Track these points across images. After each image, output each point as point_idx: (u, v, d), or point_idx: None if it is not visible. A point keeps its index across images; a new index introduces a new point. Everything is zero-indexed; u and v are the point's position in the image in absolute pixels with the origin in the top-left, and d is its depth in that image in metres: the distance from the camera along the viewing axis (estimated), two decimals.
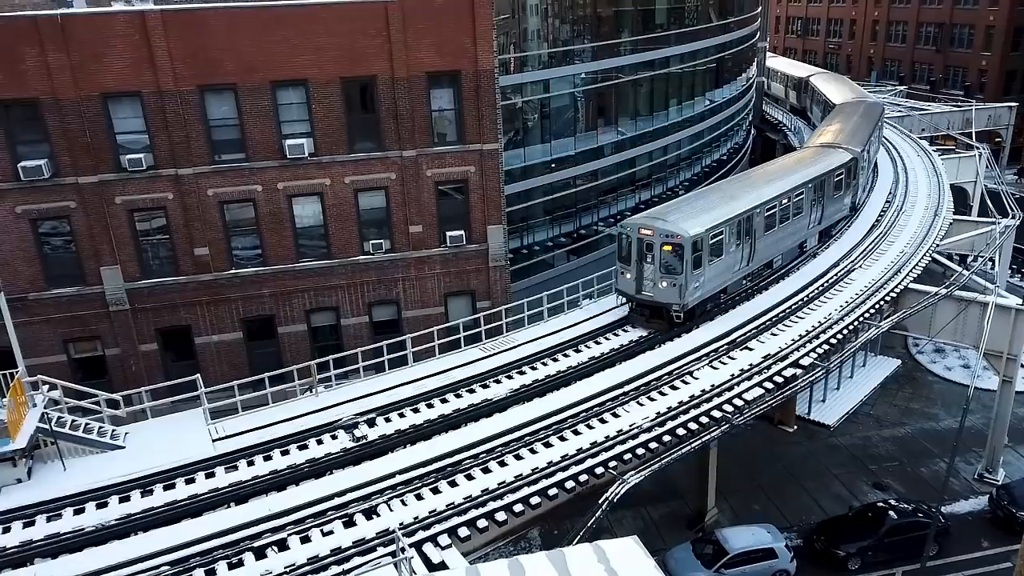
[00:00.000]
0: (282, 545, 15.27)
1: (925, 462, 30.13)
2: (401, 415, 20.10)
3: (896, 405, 34.25)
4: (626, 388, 21.13)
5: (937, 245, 32.30)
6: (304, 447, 18.80)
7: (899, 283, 28.20)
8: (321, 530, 15.68)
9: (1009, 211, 37.49)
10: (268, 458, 18.32)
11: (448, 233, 27.28)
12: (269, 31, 23.97)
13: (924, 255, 30.74)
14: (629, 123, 39.77)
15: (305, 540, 15.42)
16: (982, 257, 32.80)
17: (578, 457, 18.07)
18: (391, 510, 16.30)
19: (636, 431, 19.08)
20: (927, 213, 35.99)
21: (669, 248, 23.49)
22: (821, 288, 27.68)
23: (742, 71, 54.07)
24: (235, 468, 17.90)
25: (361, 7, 24.67)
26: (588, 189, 38.19)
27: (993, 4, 66.32)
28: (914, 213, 36.20)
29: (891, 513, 25.14)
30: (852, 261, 30.23)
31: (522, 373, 22.10)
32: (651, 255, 23.83)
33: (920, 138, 52.24)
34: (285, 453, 18.56)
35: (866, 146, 35.95)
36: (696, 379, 21.66)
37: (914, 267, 29.57)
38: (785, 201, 28.41)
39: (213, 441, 18.94)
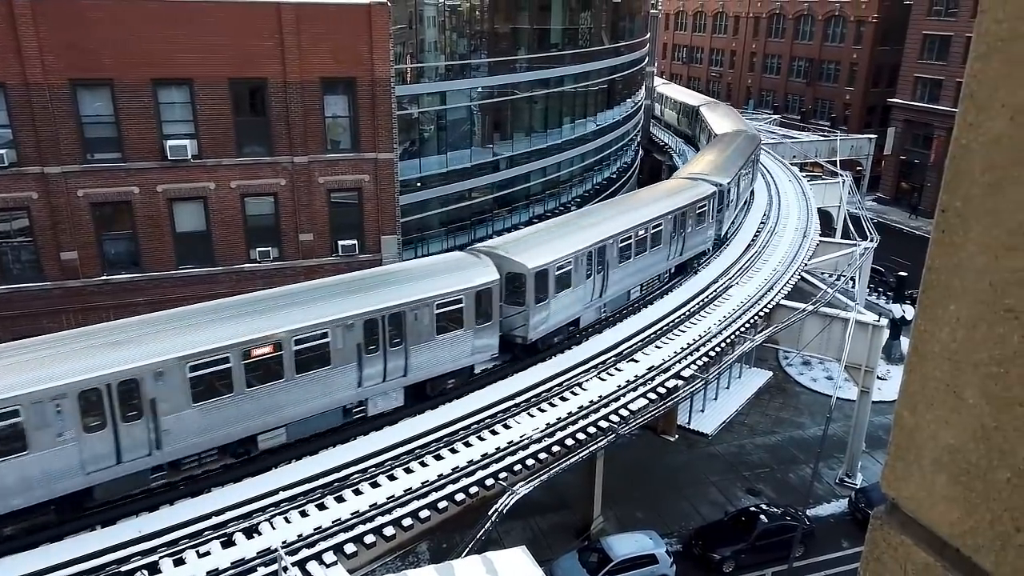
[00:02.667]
0: (153, 569, 14.43)
1: (793, 468, 32.10)
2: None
3: (768, 414, 36.33)
4: (517, 400, 21.39)
5: (806, 264, 34.64)
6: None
7: (771, 300, 30.05)
8: (197, 551, 14.93)
9: (868, 234, 40.76)
10: None
11: (340, 242, 26.75)
12: (150, 26, 22.79)
13: (794, 274, 32.91)
14: (524, 139, 40.43)
15: (179, 563, 14.64)
16: (844, 276, 35.47)
17: (469, 469, 18.11)
18: (273, 528, 15.74)
19: (526, 442, 19.33)
20: (797, 234, 38.57)
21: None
22: (706, 299, 29.09)
23: (632, 94, 56.15)
24: None
25: (251, 8, 23.91)
26: (483, 202, 38.49)
27: (857, 43, 72.18)
28: (785, 235, 38.71)
29: (762, 517, 26.60)
30: (730, 278, 31.95)
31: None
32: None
33: (791, 164, 55.96)
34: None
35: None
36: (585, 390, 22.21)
37: (785, 284, 31.60)
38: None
39: None
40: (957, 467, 1.44)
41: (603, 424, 20.68)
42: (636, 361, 24.15)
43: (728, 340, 26.47)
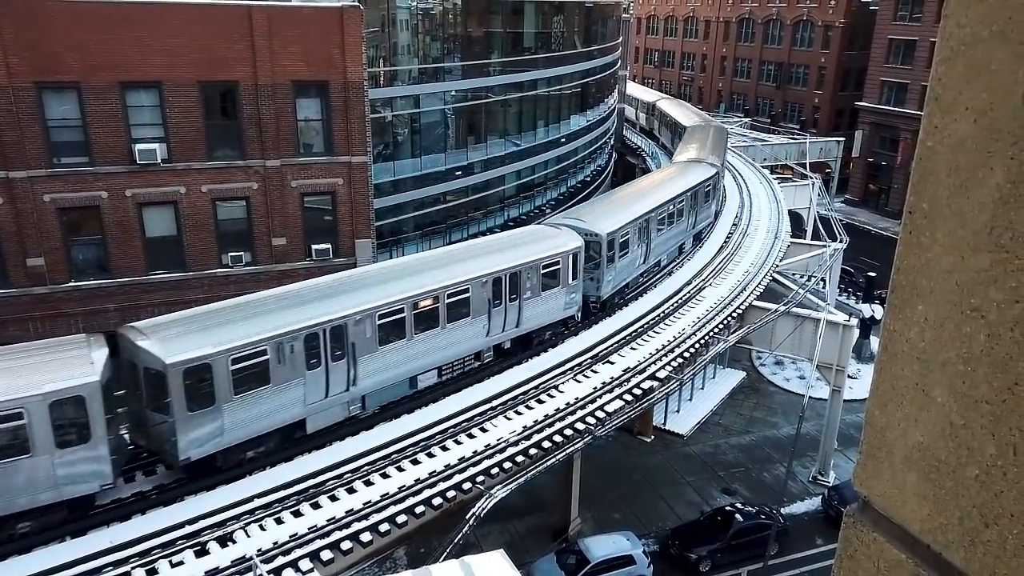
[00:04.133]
0: None
1: (767, 467, 32.42)
2: None
3: (742, 414, 36.67)
4: (494, 403, 21.37)
5: (777, 265, 35.06)
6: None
7: (744, 300, 30.36)
8: (170, 561, 14.69)
9: (838, 236, 41.36)
10: None
11: (314, 246, 26.53)
12: (117, 28, 22.44)
13: (766, 275, 33.27)
14: (498, 142, 40.44)
15: (152, 573, 14.39)
16: (815, 277, 35.95)
17: (446, 473, 18.04)
18: (248, 536, 15.54)
19: (503, 445, 19.31)
20: (768, 236, 39.02)
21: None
22: (679, 300, 29.33)
23: (605, 97, 56.47)
24: None
25: (221, 10, 23.66)
26: (458, 205, 38.42)
27: (825, 48, 73.31)
28: (757, 237, 39.15)
29: (738, 516, 26.82)
30: (703, 279, 32.23)
31: None
32: None
33: (762, 167, 56.67)
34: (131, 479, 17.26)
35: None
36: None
37: (757, 286, 31.94)
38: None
39: None
40: (927, 464, 1.47)
41: (580, 426, 20.73)
42: (612, 363, 24.25)
43: (702, 341, 26.69)
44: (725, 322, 28.33)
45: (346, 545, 15.71)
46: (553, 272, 24.62)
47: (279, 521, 16.09)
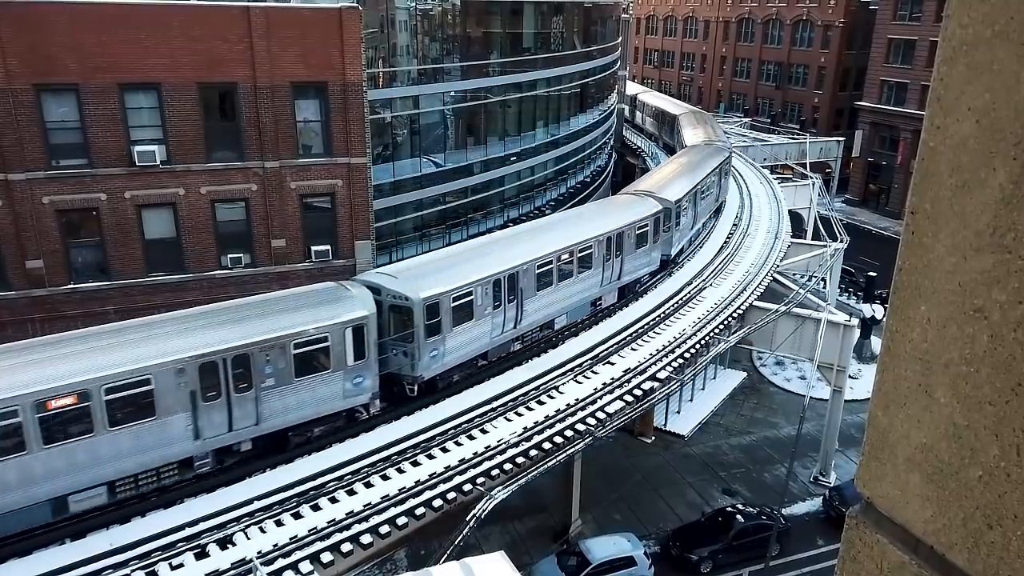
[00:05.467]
0: None
1: (768, 468, 32.42)
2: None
3: (743, 415, 36.67)
4: (494, 405, 21.36)
5: (778, 265, 35.05)
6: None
7: (745, 301, 30.35)
8: (170, 563, 14.68)
9: (838, 235, 41.36)
10: None
11: (314, 248, 26.53)
12: (115, 30, 22.44)
13: (767, 275, 33.27)
14: (498, 142, 40.44)
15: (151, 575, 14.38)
16: (816, 277, 35.94)
17: (447, 475, 18.03)
18: (248, 538, 15.53)
19: (503, 446, 19.30)
20: (769, 236, 39.02)
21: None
22: (679, 301, 29.33)
23: (604, 97, 56.48)
24: None
25: (219, 12, 23.67)
26: (458, 206, 38.41)
27: (824, 48, 73.33)
28: (757, 236, 39.15)
29: (738, 517, 26.81)
30: (703, 279, 32.22)
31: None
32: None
33: (762, 167, 56.67)
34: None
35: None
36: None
37: (758, 286, 31.94)
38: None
39: None
40: (930, 466, 1.46)
41: (580, 427, 20.72)
42: (612, 364, 24.25)
43: (703, 341, 26.68)
44: (726, 322, 28.32)
45: (346, 547, 15.69)
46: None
47: (279, 523, 16.08)
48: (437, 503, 17.25)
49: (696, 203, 34.66)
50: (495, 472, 18.55)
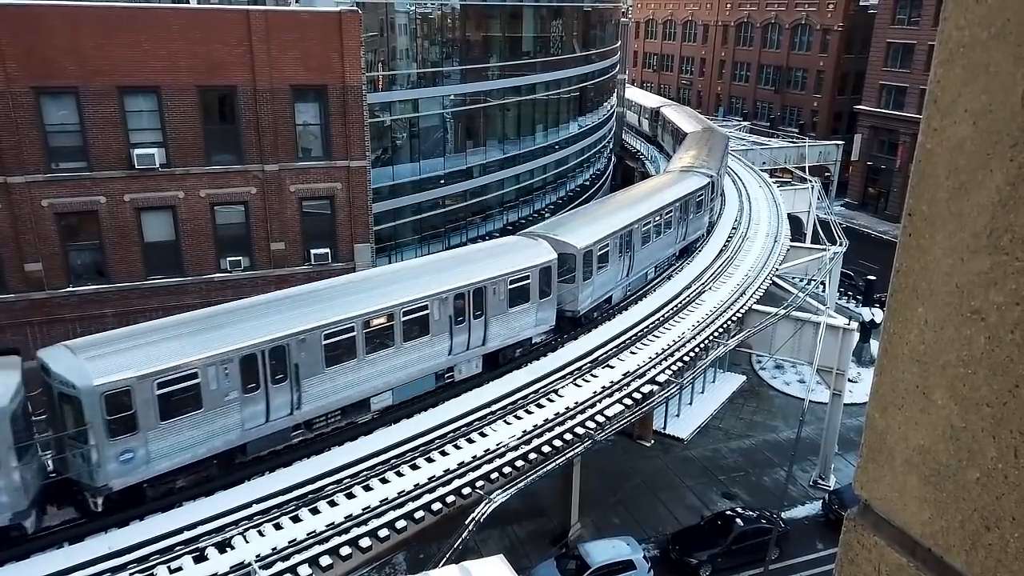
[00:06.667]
0: None
1: (767, 471, 32.38)
2: None
3: (742, 418, 36.64)
4: (494, 408, 21.34)
5: (777, 269, 35.06)
6: None
7: (744, 304, 30.35)
8: (168, 567, 14.65)
9: (837, 239, 41.38)
10: None
11: (313, 251, 26.53)
12: (115, 33, 22.47)
13: (766, 278, 33.27)
14: (497, 146, 40.48)
15: None
16: (815, 280, 35.96)
17: (445, 478, 18.01)
18: (247, 542, 15.51)
19: (503, 449, 19.28)
20: (768, 240, 39.03)
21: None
22: (680, 304, 29.33)
23: (604, 101, 56.55)
24: None
25: (219, 15, 23.72)
26: (457, 209, 38.43)
27: (823, 51, 73.46)
28: (756, 240, 39.16)
29: (738, 521, 26.77)
30: (702, 283, 32.24)
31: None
32: None
33: (761, 170, 56.72)
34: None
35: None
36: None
37: (757, 289, 31.94)
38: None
39: None
40: (927, 468, 1.46)
41: (580, 431, 20.71)
42: (611, 367, 24.24)
43: (702, 344, 26.67)
44: (725, 326, 28.31)
45: (345, 551, 15.66)
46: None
47: (278, 527, 16.05)
48: (436, 506, 17.23)
49: (630, 247, 28.86)
50: (494, 475, 18.52)
